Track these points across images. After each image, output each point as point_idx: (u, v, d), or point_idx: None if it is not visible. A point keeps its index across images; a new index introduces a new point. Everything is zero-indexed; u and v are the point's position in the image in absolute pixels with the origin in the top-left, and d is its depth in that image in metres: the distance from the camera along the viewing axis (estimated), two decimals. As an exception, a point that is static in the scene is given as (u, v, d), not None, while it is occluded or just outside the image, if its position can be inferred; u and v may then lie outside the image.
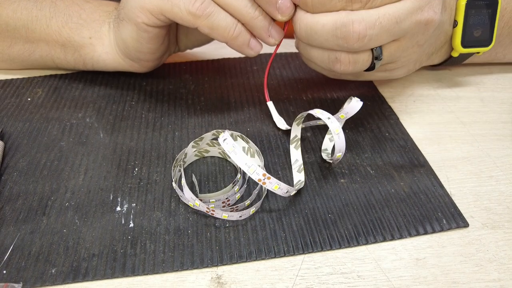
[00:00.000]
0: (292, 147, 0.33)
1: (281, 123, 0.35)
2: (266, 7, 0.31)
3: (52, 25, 0.38)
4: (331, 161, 0.32)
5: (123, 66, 0.38)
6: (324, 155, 0.33)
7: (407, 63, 0.35)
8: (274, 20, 0.32)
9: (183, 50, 0.41)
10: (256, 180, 0.27)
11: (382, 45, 0.31)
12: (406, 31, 0.30)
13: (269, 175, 0.26)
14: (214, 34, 0.31)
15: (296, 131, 0.33)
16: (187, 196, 0.27)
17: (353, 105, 0.30)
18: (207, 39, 0.39)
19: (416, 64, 0.37)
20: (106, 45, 0.37)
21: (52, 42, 0.38)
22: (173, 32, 0.38)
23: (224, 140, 0.27)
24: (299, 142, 0.33)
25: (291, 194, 0.29)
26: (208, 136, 0.31)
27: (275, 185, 0.27)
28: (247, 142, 0.31)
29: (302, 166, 0.31)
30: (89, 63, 0.39)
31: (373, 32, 0.29)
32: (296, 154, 0.32)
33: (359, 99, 0.30)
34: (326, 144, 0.33)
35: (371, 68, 0.32)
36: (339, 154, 0.29)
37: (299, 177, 0.31)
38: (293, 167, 0.32)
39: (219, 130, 0.31)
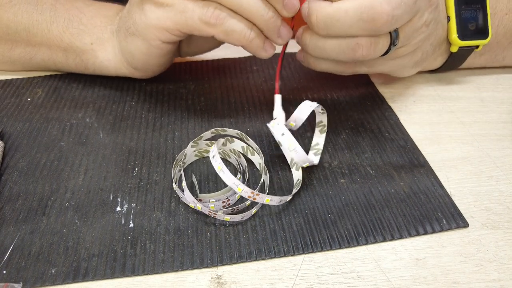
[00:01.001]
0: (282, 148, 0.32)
1: (280, 117, 0.33)
2: (274, 3, 0.30)
3: (53, 30, 0.38)
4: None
5: (125, 72, 0.39)
6: (311, 153, 0.32)
7: (416, 48, 0.34)
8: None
9: (184, 56, 0.41)
10: (247, 197, 0.27)
11: (399, 27, 0.30)
12: (418, 8, 0.30)
13: (257, 192, 0.27)
14: (230, 39, 0.31)
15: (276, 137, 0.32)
16: (188, 198, 0.27)
17: (302, 110, 0.29)
18: (207, 48, 0.39)
19: (423, 54, 0.37)
20: (108, 52, 0.38)
21: (53, 47, 0.38)
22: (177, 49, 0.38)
23: (213, 156, 0.27)
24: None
25: (287, 201, 0.29)
26: (207, 134, 0.31)
27: (266, 199, 0.27)
28: (247, 140, 0.31)
29: (299, 164, 0.31)
30: (91, 68, 0.39)
31: (398, 12, 0.28)
32: (289, 156, 0.32)
33: (311, 102, 0.29)
34: (317, 139, 0.33)
35: (386, 53, 0.32)
36: (306, 164, 0.29)
37: (297, 175, 0.31)
38: (290, 165, 0.32)
39: (218, 129, 0.31)
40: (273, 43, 0.33)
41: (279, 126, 0.29)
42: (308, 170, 0.32)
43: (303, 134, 0.35)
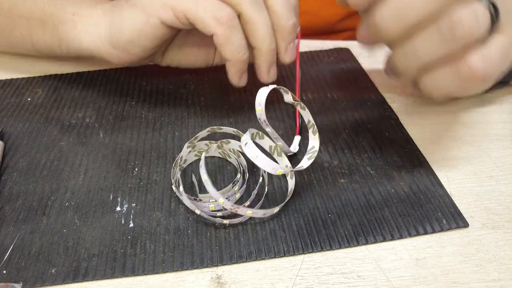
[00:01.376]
0: (275, 156, 0.31)
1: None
2: (279, 41, 0.32)
3: (38, 2, 0.37)
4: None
5: (99, 50, 0.36)
6: (306, 157, 0.30)
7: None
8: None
9: (164, 63, 0.39)
10: (228, 209, 0.27)
11: None
12: None
13: (237, 205, 0.26)
14: (225, 48, 0.31)
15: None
16: (188, 204, 0.28)
17: (262, 93, 0.27)
18: (192, 62, 0.38)
19: None
20: (88, 24, 0.35)
21: (33, 20, 0.38)
22: (168, 41, 0.37)
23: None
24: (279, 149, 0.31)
25: (274, 212, 0.28)
26: (203, 133, 0.31)
27: (247, 212, 0.27)
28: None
29: (293, 173, 0.30)
30: (64, 42, 0.37)
31: None
32: (283, 161, 0.32)
33: (271, 86, 0.28)
34: (312, 142, 0.31)
35: (494, 22, 0.25)
36: (279, 170, 0.26)
37: (291, 184, 0.30)
38: (285, 173, 0.31)
39: (214, 127, 0.31)
40: (259, 77, 0.34)
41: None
42: (308, 170, 0.32)
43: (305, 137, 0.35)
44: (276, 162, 0.31)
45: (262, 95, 0.27)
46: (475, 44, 0.25)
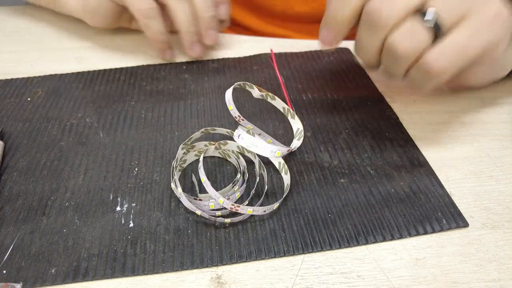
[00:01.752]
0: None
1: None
2: (200, 28, 0.41)
3: None
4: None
5: (77, 13, 0.46)
6: (295, 139, 0.32)
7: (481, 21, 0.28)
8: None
9: (133, 28, 0.48)
10: (228, 209, 0.27)
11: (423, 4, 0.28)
12: None
13: (238, 204, 0.27)
14: (145, 31, 0.41)
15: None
16: (188, 206, 0.28)
17: (227, 92, 0.29)
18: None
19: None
20: None
21: None
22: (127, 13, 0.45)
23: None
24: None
25: (274, 208, 0.28)
26: (196, 135, 0.31)
27: (248, 210, 0.27)
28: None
29: (286, 166, 0.31)
30: (57, 1, 0.47)
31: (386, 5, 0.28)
32: (296, 123, 0.32)
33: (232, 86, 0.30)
34: (296, 125, 0.32)
35: (437, 29, 0.28)
36: (278, 152, 0.29)
37: (286, 180, 0.30)
38: (279, 170, 0.31)
39: (208, 128, 0.31)
40: (187, 52, 0.43)
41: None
42: (308, 170, 0.32)
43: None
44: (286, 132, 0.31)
45: (228, 94, 0.30)
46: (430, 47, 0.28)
